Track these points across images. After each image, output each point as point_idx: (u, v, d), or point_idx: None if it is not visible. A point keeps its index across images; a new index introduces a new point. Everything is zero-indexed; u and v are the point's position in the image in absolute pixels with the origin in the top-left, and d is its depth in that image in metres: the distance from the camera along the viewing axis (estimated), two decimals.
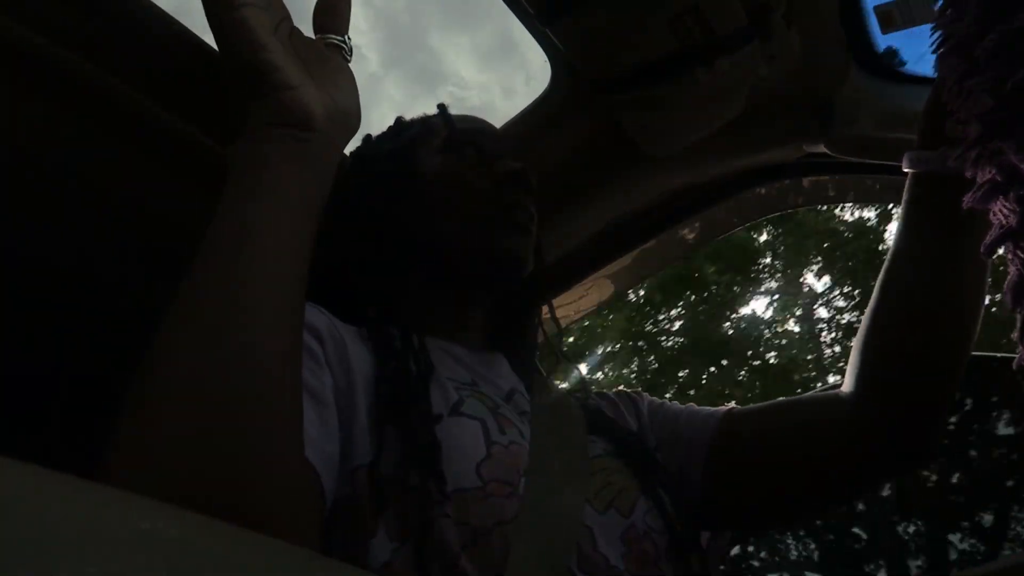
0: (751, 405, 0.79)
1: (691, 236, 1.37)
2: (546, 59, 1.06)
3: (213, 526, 0.19)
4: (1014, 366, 0.46)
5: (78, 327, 0.75)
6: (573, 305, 1.40)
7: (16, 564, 0.14)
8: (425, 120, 0.86)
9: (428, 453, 0.54)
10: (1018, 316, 0.44)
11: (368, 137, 0.88)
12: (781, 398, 0.79)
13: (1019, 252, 0.43)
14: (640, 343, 10.38)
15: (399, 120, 0.89)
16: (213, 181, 0.77)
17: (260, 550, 0.19)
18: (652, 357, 10.54)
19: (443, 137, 0.81)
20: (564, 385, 0.84)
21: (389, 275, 0.76)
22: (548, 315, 0.91)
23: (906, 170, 0.68)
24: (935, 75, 0.52)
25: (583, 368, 0.86)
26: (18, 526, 0.15)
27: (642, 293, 9.92)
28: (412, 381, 0.60)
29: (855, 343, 0.74)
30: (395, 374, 0.60)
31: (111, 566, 0.15)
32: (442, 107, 0.86)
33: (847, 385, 0.74)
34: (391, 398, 0.58)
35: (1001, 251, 0.46)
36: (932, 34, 0.49)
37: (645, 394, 0.88)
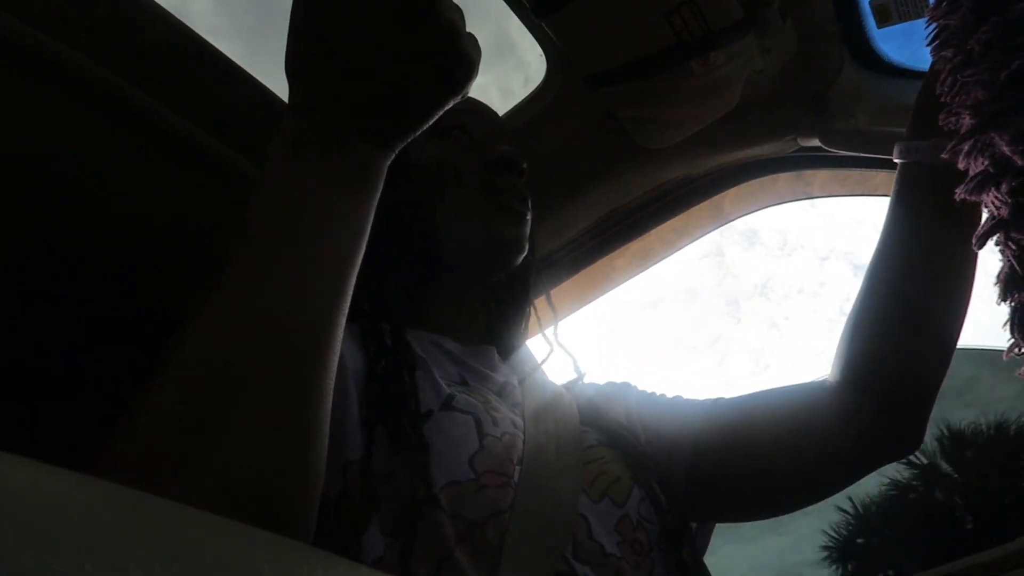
0: (737, 396, 0.79)
1: (688, 227, 1.37)
2: (543, 61, 1.06)
3: (211, 521, 0.19)
4: (1005, 357, 0.47)
5: (78, 325, 0.74)
6: (568, 298, 1.40)
7: (14, 559, 0.14)
8: None
9: (416, 454, 0.54)
10: (1009, 307, 0.45)
11: None
12: (766, 388, 0.79)
13: (1010, 243, 0.43)
14: None
15: None
16: (213, 179, 0.77)
17: (259, 545, 0.19)
18: None
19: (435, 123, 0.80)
20: (556, 376, 0.84)
21: (383, 268, 0.76)
22: (543, 308, 0.90)
23: (896, 160, 0.68)
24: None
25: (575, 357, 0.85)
26: (16, 521, 0.15)
27: None
28: (402, 380, 0.60)
29: (842, 332, 0.74)
30: (385, 373, 0.60)
31: (109, 561, 0.15)
32: None
33: (832, 374, 0.74)
34: (381, 397, 0.58)
35: (992, 242, 0.46)
36: (927, 27, 0.50)
37: (634, 384, 0.88)
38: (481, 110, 0.85)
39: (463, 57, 0.48)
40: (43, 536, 0.15)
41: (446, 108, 0.50)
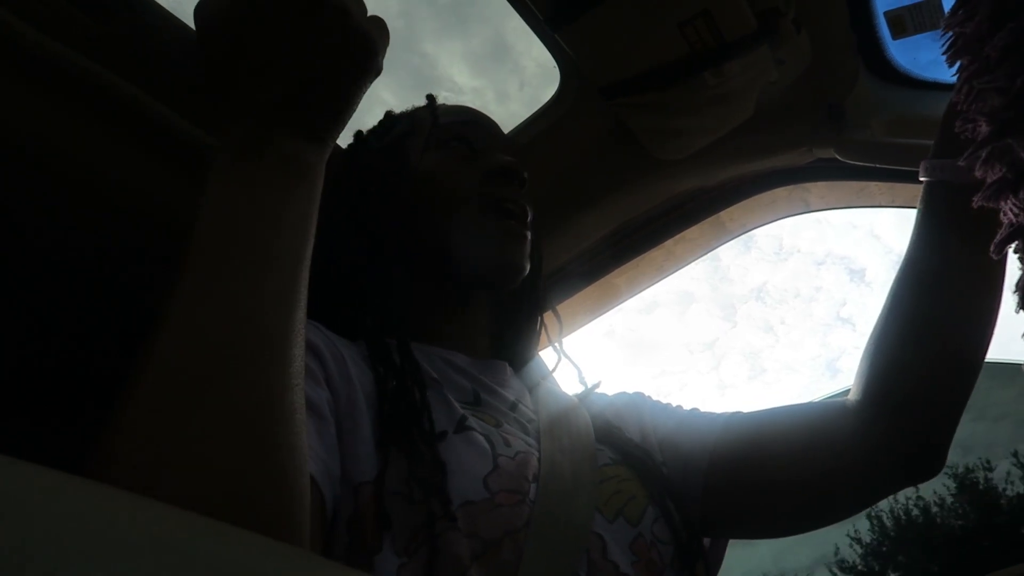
0: (755, 411, 0.77)
1: (696, 241, 1.37)
2: (539, 65, 1.07)
3: (219, 528, 0.19)
4: None
5: (80, 327, 0.75)
6: (581, 309, 1.40)
7: (23, 565, 0.14)
8: (413, 114, 0.84)
9: (433, 474, 0.53)
10: None
11: (359, 133, 0.85)
12: (785, 404, 0.77)
13: None
14: None
15: (388, 115, 0.87)
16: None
17: (266, 553, 0.19)
18: None
19: (429, 132, 0.79)
20: (569, 390, 0.83)
21: (387, 280, 0.75)
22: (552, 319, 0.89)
23: (922, 179, 0.67)
24: (951, 80, 0.51)
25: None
26: (25, 528, 0.15)
27: None
28: (413, 399, 0.59)
29: (864, 351, 0.72)
30: (396, 393, 0.60)
31: (117, 568, 0.15)
32: (430, 98, 0.83)
33: (854, 393, 0.72)
34: (393, 418, 0.57)
35: (1011, 250, 0.46)
36: (943, 34, 0.49)
37: (647, 395, 0.86)
38: (481, 121, 0.84)
39: (358, 35, 0.49)
40: (53, 543, 0.14)
41: (364, 88, 0.52)
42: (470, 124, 0.82)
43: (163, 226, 0.76)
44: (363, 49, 0.50)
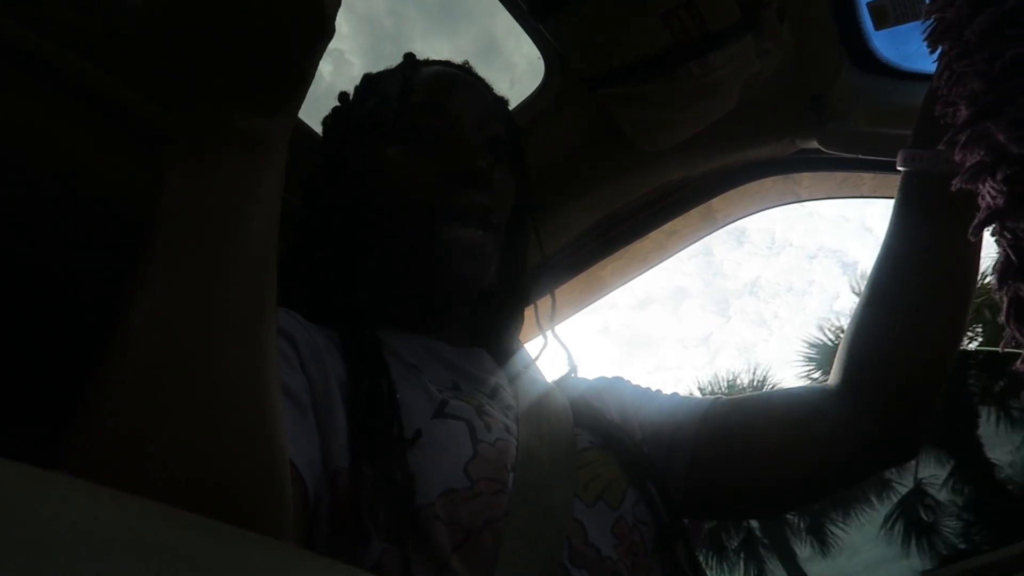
0: (737, 396, 0.79)
1: (682, 231, 1.37)
2: (529, 62, 1.07)
3: (209, 527, 0.19)
4: (1001, 348, 0.47)
5: (76, 325, 0.74)
6: (566, 300, 1.40)
7: (10, 564, 0.13)
8: (387, 83, 0.80)
9: (401, 483, 0.53)
10: (1005, 297, 0.45)
11: (344, 95, 0.83)
12: (767, 390, 0.79)
13: (1006, 232, 0.43)
14: None
15: (366, 78, 0.84)
16: None
17: (257, 551, 0.19)
18: None
19: (394, 114, 0.75)
20: (549, 376, 0.84)
21: (362, 271, 0.74)
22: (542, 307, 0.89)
23: (899, 169, 0.68)
24: (933, 70, 0.52)
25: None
26: (12, 526, 0.15)
27: None
28: (383, 403, 0.58)
29: (844, 337, 0.74)
30: (369, 396, 0.58)
31: (105, 567, 0.15)
32: (408, 58, 0.80)
33: (834, 379, 0.74)
34: (365, 422, 0.56)
35: (988, 232, 0.46)
36: (925, 21, 0.50)
37: (628, 380, 0.87)
38: (459, 84, 0.78)
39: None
40: (38, 541, 0.14)
41: (319, 53, 0.47)
42: (447, 91, 0.76)
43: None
44: (311, 13, 0.45)
